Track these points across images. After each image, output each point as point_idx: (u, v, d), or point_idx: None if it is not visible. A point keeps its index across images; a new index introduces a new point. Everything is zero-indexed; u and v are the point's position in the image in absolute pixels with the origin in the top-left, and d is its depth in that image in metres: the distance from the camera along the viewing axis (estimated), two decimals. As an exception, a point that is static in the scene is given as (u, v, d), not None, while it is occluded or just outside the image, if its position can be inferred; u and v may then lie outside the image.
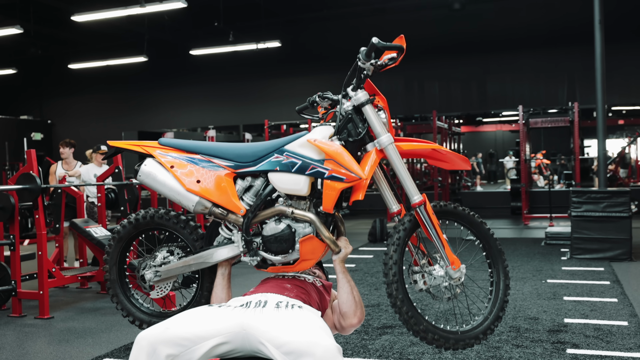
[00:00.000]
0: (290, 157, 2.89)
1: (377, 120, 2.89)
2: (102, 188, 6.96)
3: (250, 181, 3.03)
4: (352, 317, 2.89)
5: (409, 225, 2.87)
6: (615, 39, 11.26)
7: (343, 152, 2.84)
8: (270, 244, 2.94)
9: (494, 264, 3.09)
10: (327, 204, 2.85)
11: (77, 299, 6.65)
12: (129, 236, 3.18)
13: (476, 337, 2.92)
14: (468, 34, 16.51)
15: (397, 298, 2.78)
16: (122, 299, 3.18)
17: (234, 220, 3.01)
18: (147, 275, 3.14)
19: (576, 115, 13.27)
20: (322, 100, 3.09)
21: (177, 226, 3.10)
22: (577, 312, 5.31)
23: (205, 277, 3.14)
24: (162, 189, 3.06)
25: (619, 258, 7.94)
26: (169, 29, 17.18)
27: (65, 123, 21.18)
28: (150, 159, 3.12)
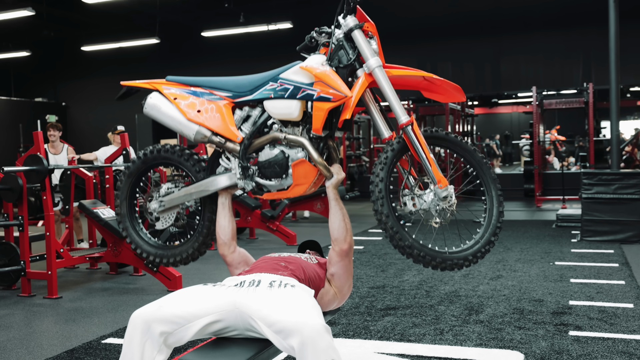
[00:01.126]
0: (284, 83, 2.99)
1: (366, 45, 2.94)
2: (110, 169, 7.01)
3: (248, 111, 3.14)
4: (343, 242, 2.98)
5: (397, 146, 2.89)
6: (633, 17, 11.03)
7: (331, 73, 2.92)
8: (264, 169, 3.04)
9: (487, 191, 3.08)
10: (316, 124, 2.93)
11: (86, 279, 6.73)
12: (138, 171, 3.33)
13: (465, 259, 2.91)
14: (481, 14, 16.29)
15: (382, 214, 2.81)
16: (131, 232, 3.33)
17: (231, 148, 3.12)
18: (152, 205, 3.29)
19: (591, 96, 13.09)
20: (319, 35, 3.15)
21: (181, 159, 3.24)
22: (583, 295, 5.27)
23: (207, 207, 3.25)
24: (165, 119, 3.20)
25: (630, 240, 7.86)
26: (180, 11, 17.14)
27: (79, 105, 21.30)
28: (155, 92, 3.26)
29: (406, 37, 16.25)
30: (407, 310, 4.90)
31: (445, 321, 4.57)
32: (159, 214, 3.29)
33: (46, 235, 5.83)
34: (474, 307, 4.97)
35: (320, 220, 11.53)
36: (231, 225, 3.16)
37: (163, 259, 3.26)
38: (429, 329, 4.38)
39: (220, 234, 3.15)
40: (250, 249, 3.24)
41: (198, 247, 3.24)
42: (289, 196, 3.09)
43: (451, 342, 4.10)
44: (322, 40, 3.14)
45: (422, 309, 4.95)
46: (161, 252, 3.27)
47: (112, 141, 8.65)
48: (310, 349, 2.41)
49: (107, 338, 4.47)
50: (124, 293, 5.94)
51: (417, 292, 5.50)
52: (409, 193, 2.94)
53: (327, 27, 3.14)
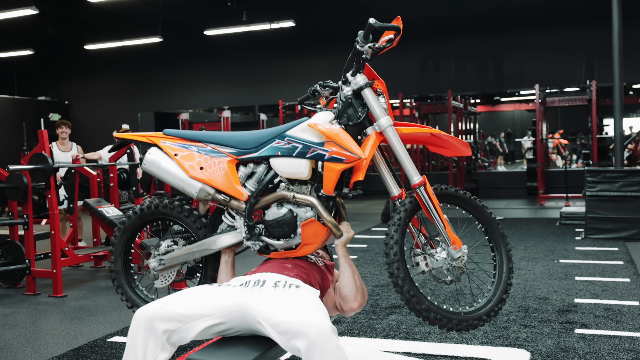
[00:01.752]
0: (292, 141, 2.91)
1: (377, 103, 2.91)
2: (114, 168, 7.01)
3: (253, 168, 3.06)
4: (353, 301, 2.90)
5: (409, 206, 2.87)
6: (636, 14, 11.02)
7: (342, 133, 2.86)
8: (272, 229, 2.96)
9: (496, 248, 3.08)
10: (327, 185, 2.86)
11: (90, 277, 6.74)
12: (134, 227, 3.22)
13: (479, 319, 2.92)
14: (484, 11, 16.28)
15: (398, 277, 2.79)
16: (126, 289, 3.23)
17: (236, 206, 3.03)
18: (152, 264, 3.17)
19: (594, 93, 13.06)
20: (323, 89, 3.11)
21: (181, 215, 3.14)
22: (588, 292, 5.27)
23: (209, 265, 3.17)
24: (166, 176, 3.10)
25: (634, 238, 7.85)
26: (183, 9, 17.16)
27: (82, 104, 21.33)
28: (154, 147, 3.15)
29: (410, 35, 16.22)
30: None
31: (450, 319, 4.57)
32: (158, 272, 3.20)
33: (51, 233, 5.83)
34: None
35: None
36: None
37: None
38: (434, 327, 4.38)
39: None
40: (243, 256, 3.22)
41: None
42: (297, 255, 3.01)
43: (457, 341, 4.10)
44: (325, 94, 3.11)
45: (427, 307, 4.94)
46: None
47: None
48: (317, 350, 2.39)
49: (112, 337, 4.48)
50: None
51: (421, 291, 5.49)
52: (421, 252, 2.92)
53: (332, 81, 3.10)
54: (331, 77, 10.76)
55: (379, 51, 2.93)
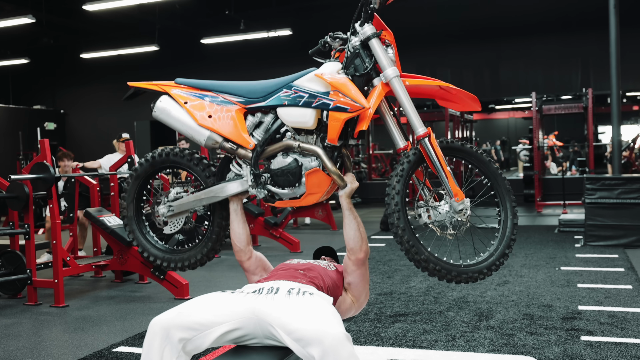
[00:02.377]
0: (298, 91, 2.95)
1: (384, 54, 2.91)
2: (115, 177, 7.00)
3: (260, 117, 3.11)
4: (359, 251, 2.95)
5: (413, 157, 2.87)
6: (630, 22, 11.13)
7: (348, 82, 2.88)
8: (277, 177, 3.00)
9: (502, 203, 3.08)
10: (331, 134, 2.89)
11: (91, 287, 6.71)
12: (145, 174, 3.29)
13: (480, 272, 2.91)
14: (480, 19, 16.37)
15: (398, 227, 2.80)
16: (138, 235, 3.29)
17: (243, 154, 3.07)
18: (161, 210, 3.23)
19: (590, 101, 13.14)
20: (333, 40, 3.12)
21: (190, 163, 3.20)
22: (591, 299, 5.28)
23: (216, 213, 3.22)
24: (175, 123, 3.15)
25: (634, 245, 7.88)
26: (180, 18, 17.18)
27: (78, 113, 21.30)
28: (165, 96, 3.21)
29: (406, 44, 16.27)
30: (417, 317, 4.90)
31: (456, 327, 4.57)
32: (168, 219, 3.24)
33: (52, 243, 5.81)
34: (484, 312, 4.97)
35: (322, 227, 11.53)
36: (245, 231, 3.14)
37: (171, 264, 3.22)
38: (440, 335, 4.38)
39: (235, 241, 3.13)
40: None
41: (207, 252, 3.20)
42: (301, 204, 3.05)
43: (464, 348, 4.10)
44: (335, 46, 3.11)
45: (431, 315, 4.95)
46: (169, 257, 3.24)
47: (117, 149, 8.65)
48: (332, 358, 2.40)
49: (117, 347, 4.46)
50: (131, 301, 5.92)
51: (425, 299, 5.50)
52: (424, 205, 2.93)
53: (342, 32, 3.10)
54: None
55: (386, 1, 2.95)
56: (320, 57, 3.25)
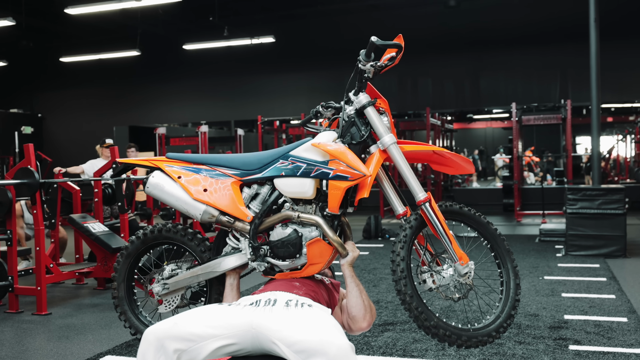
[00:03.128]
0: (296, 161, 2.92)
1: (380, 122, 2.92)
2: (99, 183, 6.92)
3: (257, 189, 3.06)
4: (362, 321, 2.89)
5: (415, 223, 2.89)
6: (605, 36, 11.34)
7: (347, 151, 2.87)
8: (277, 249, 2.95)
9: (502, 264, 3.11)
10: (332, 204, 2.87)
11: (73, 295, 6.61)
12: (137, 252, 3.21)
13: (489, 335, 2.94)
14: (462, 30, 16.54)
15: (406, 294, 2.79)
16: (130, 316, 3.21)
17: (240, 227, 3.03)
18: (155, 288, 3.15)
19: (569, 112, 13.33)
20: (326, 109, 3.11)
21: (184, 239, 3.13)
22: (577, 309, 5.34)
23: (213, 288, 3.14)
24: (169, 199, 3.09)
25: (614, 255, 7.99)
26: (162, 23, 17.08)
27: (56, 117, 21.03)
28: (158, 171, 3.15)
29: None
30: (406, 326, 4.91)
31: (445, 336, 4.58)
32: (163, 297, 3.17)
33: (36, 250, 5.72)
34: (471, 321, 4.98)
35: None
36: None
37: None
38: (430, 345, 4.39)
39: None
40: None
41: None
42: (302, 275, 2.99)
43: (454, 357, 4.12)
44: (327, 115, 3.12)
45: (419, 324, 4.95)
46: None
47: (100, 154, 8.56)
48: (337, 369, 2.39)
49: (104, 356, 4.39)
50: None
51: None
52: (428, 270, 2.94)
53: (334, 102, 3.12)
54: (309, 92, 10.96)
55: (380, 69, 2.97)
56: (310, 127, 3.26)
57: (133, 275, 3.23)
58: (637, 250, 8.53)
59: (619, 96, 16.03)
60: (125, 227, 6.60)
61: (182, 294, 3.19)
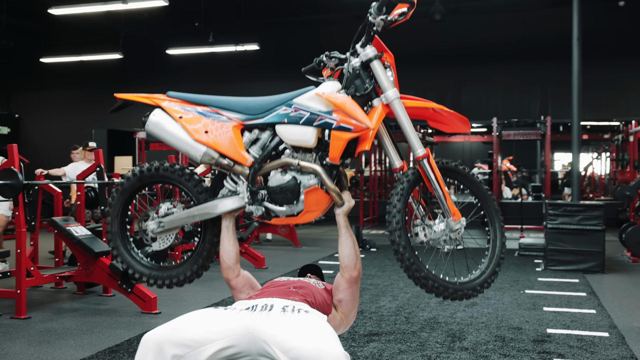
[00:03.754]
0: (299, 109, 2.93)
1: (385, 76, 2.94)
2: (82, 186, 6.83)
3: (258, 134, 3.07)
4: (353, 269, 2.98)
5: (412, 177, 2.94)
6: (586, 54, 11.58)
7: (352, 103, 2.89)
8: (275, 195, 2.97)
9: (491, 222, 3.18)
10: (333, 153, 2.89)
11: (52, 299, 6.50)
12: (132, 189, 3.20)
13: (473, 289, 2.99)
14: (446, 45, 16.71)
15: (399, 244, 2.85)
16: (122, 251, 3.20)
17: (240, 171, 3.03)
18: (151, 226, 3.16)
19: (548, 129, 13.54)
20: (329, 59, 3.13)
21: (181, 178, 3.12)
22: (559, 323, 5.40)
23: (208, 229, 3.16)
24: (170, 138, 3.08)
25: (592, 270, 8.10)
26: (146, 27, 16.98)
27: (34, 118, 20.75)
28: (158, 109, 3.14)
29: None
30: (391, 337, 4.92)
31: (430, 348, 4.60)
32: (157, 235, 3.17)
33: (17, 252, 5.62)
34: (456, 334, 5.02)
35: (284, 243, 11.49)
36: (235, 248, 3.10)
37: (158, 280, 3.14)
38: (416, 356, 4.40)
39: (224, 257, 3.08)
40: (219, 272, 3.21)
41: (197, 269, 3.14)
42: (299, 222, 3.03)
43: (441, 369, 4.13)
44: (330, 65, 3.13)
45: (404, 335, 4.97)
46: (156, 274, 3.15)
47: (83, 157, 8.46)
48: (331, 377, 2.39)
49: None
50: (96, 314, 5.76)
51: (396, 318, 5.52)
52: (421, 223, 2.98)
53: (339, 52, 3.12)
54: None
55: (390, 24, 2.99)
56: (312, 75, 3.27)
57: (127, 211, 3.22)
58: (615, 267, 8.66)
59: (597, 114, 16.31)
60: (107, 231, 6.51)
61: (176, 233, 3.19)
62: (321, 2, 15.31)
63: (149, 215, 3.19)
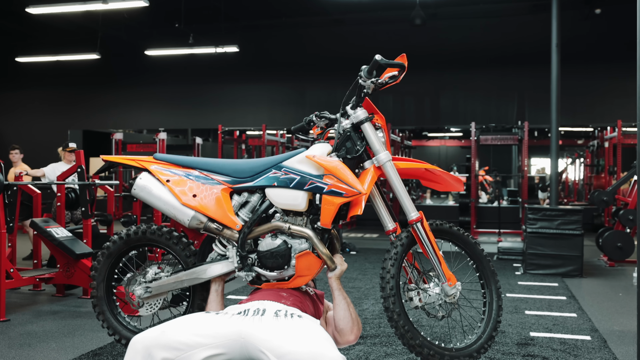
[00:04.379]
0: (289, 172, 2.93)
1: (376, 138, 2.97)
2: (62, 187, 6.73)
3: (247, 197, 3.06)
4: (349, 334, 2.93)
5: (406, 240, 2.93)
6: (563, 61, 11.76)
7: (343, 167, 2.89)
8: (266, 260, 2.95)
9: (487, 285, 3.19)
10: (325, 219, 2.88)
11: (31, 301, 6.39)
12: (119, 252, 3.18)
13: (470, 355, 2.99)
14: (424, 49, 16.82)
15: (394, 312, 2.83)
16: (108, 316, 3.18)
17: (229, 235, 3.01)
18: (137, 291, 3.13)
19: (526, 134, 13.69)
20: (320, 119, 3.15)
21: (169, 242, 3.10)
22: (541, 326, 5.45)
23: (197, 294, 3.12)
24: (157, 202, 3.06)
25: (571, 274, 8.21)
26: (125, 28, 16.81)
27: (8, 118, 20.40)
28: (145, 172, 3.12)
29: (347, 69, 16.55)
30: (376, 339, 4.92)
31: (416, 351, 4.61)
32: (145, 301, 3.15)
33: (-4, 254, 5.52)
34: (440, 336, 5.04)
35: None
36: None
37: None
38: (402, 359, 4.41)
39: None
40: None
41: None
42: (290, 287, 2.99)
43: (428, 372, 4.14)
44: (320, 124, 3.16)
45: (389, 338, 4.98)
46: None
47: (63, 158, 8.34)
48: (329, 383, 2.39)
49: (71, 364, 4.26)
50: (77, 317, 5.68)
51: (380, 322, 5.53)
52: (415, 288, 2.99)
53: (328, 112, 3.15)
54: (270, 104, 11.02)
55: (381, 86, 3.01)
56: (301, 134, 3.28)
57: (113, 275, 3.20)
58: (592, 271, 8.79)
59: (573, 120, 16.55)
60: (88, 233, 6.44)
61: (164, 298, 3.16)
62: (302, 5, 15.31)
63: (136, 280, 3.15)
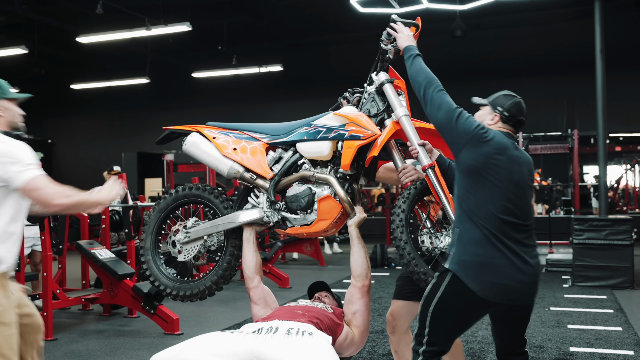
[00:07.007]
0: (317, 127, 3.30)
1: (395, 97, 3.22)
2: (107, 210, 6.97)
3: (281, 153, 3.42)
4: (365, 278, 3.20)
5: (420, 185, 3.17)
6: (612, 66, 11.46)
7: (362, 115, 3.23)
8: (291, 204, 3.27)
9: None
10: (345, 160, 3.18)
11: (79, 320, 6.62)
12: (167, 207, 3.55)
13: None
14: (469, 61, 16.68)
15: (400, 239, 3.04)
16: (151, 265, 3.52)
17: (261, 184, 3.36)
18: (177, 236, 3.49)
19: (576, 142, 13.37)
20: (352, 95, 3.45)
21: (211, 196, 3.48)
22: (582, 341, 5.31)
23: (230, 241, 3.45)
24: (202, 155, 3.45)
25: (621, 286, 7.94)
26: (172, 52, 17.31)
27: (65, 143, 21.25)
28: (195, 132, 3.53)
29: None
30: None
31: (450, 367, 4.56)
32: (183, 246, 3.47)
33: (43, 275, 5.75)
34: (476, 352, 4.98)
35: (310, 262, 11.50)
36: (255, 259, 3.34)
37: (180, 292, 3.40)
38: None
39: (245, 267, 3.32)
40: (242, 292, 3.32)
41: (216, 280, 3.42)
42: (312, 231, 3.26)
43: (459, 389, 4.08)
44: (353, 100, 3.44)
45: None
46: (179, 285, 3.43)
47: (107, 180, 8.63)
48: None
49: (108, 383, 4.40)
50: (120, 335, 5.86)
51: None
52: (427, 232, 3.14)
53: (359, 87, 3.45)
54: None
55: (400, 51, 3.23)
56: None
57: (161, 229, 3.54)
58: (645, 282, 8.48)
59: (626, 126, 16.08)
60: (132, 254, 6.64)
61: (200, 245, 3.46)
62: (344, 22, 15.43)
63: (179, 229, 3.50)
